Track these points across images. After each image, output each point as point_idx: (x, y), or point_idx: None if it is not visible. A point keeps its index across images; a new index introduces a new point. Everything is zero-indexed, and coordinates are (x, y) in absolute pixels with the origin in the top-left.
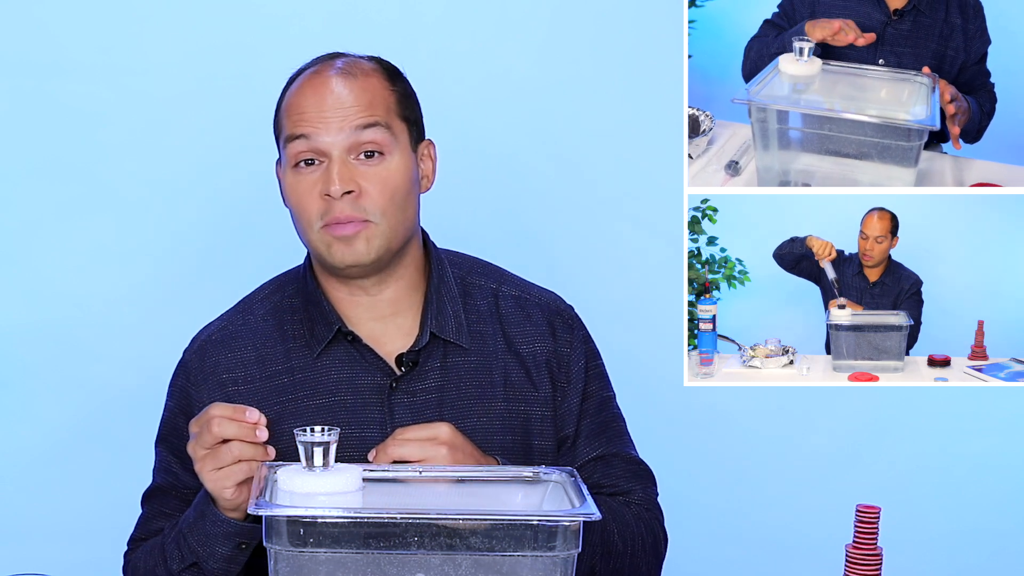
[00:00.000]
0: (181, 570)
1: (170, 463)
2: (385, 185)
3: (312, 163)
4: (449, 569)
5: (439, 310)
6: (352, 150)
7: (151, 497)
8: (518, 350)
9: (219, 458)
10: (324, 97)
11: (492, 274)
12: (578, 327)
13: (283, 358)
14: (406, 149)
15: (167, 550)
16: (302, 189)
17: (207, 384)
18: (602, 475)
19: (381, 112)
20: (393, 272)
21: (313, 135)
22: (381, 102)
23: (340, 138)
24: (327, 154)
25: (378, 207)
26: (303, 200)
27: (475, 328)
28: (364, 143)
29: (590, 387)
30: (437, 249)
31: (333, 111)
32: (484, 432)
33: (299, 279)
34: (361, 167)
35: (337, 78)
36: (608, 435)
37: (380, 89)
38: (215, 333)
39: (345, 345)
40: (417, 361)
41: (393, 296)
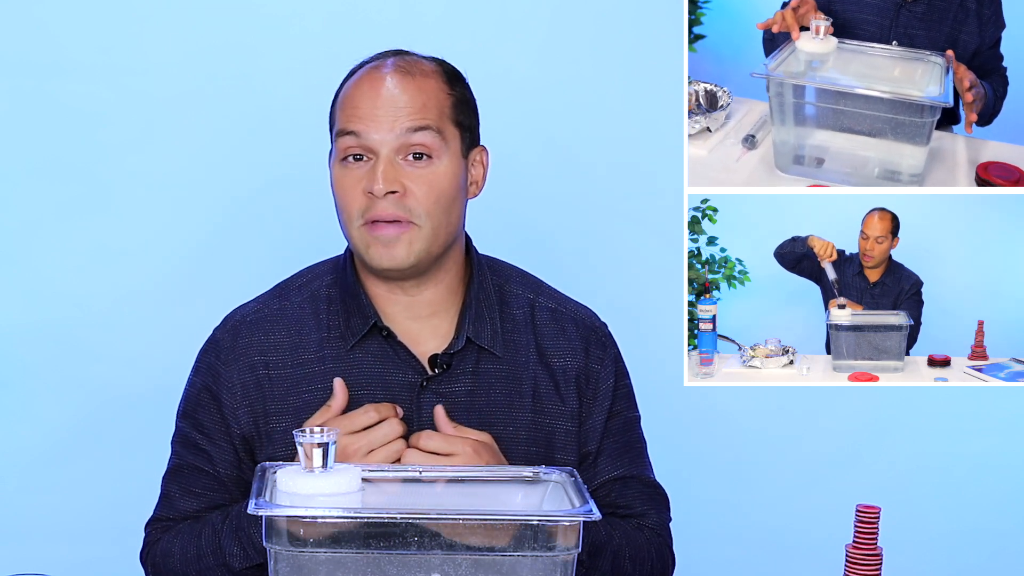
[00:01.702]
0: (244, 568)
1: (196, 440)
2: (431, 188)
3: (360, 159)
4: (449, 569)
5: (477, 316)
6: (401, 151)
7: (176, 474)
8: (549, 363)
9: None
10: (378, 94)
11: (530, 285)
12: (611, 346)
13: (316, 347)
14: (456, 154)
15: (224, 546)
16: (347, 184)
17: (237, 364)
18: (618, 495)
19: (434, 116)
20: (433, 276)
21: (363, 132)
22: (435, 105)
23: (390, 137)
24: (375, 152)
25: (422, 208)
26: (347, 195)
27: (509, 337)
28: (413, 145)
29: (617, 406)
30: (479, 255)
31: (385, 110)
32: (509, 441)
33: (338, 269)
34: (408, 168)
35: (393, 76)
36: (630, 456)
37: (436, 92)
38: (250, 314)
39: (379, 340)
40: (450, 363)
41: (431, 298)
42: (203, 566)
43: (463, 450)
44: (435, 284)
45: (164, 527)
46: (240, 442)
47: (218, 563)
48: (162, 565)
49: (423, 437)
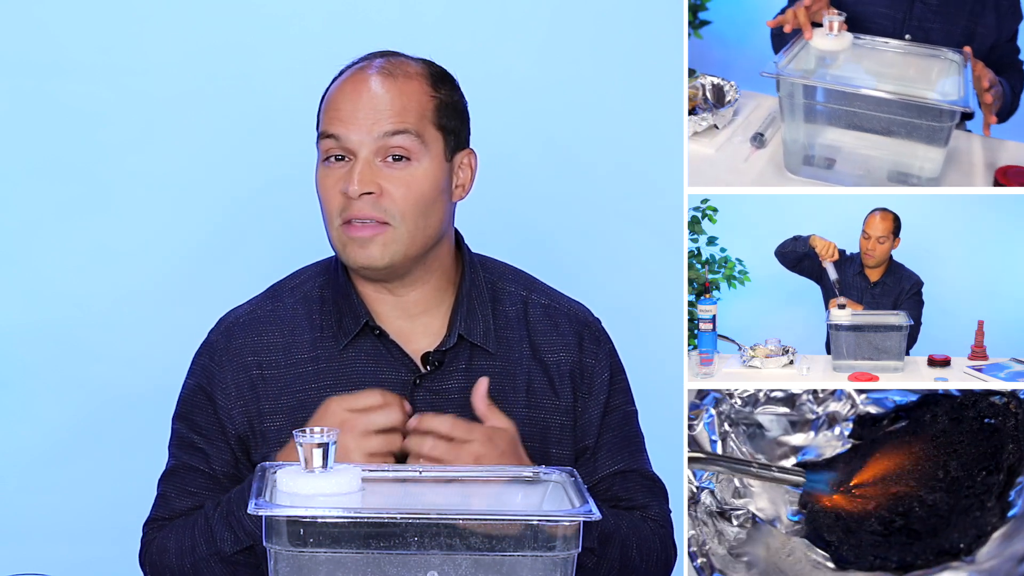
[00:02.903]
0: (235, 552)
1: (192, 440)
2: (408, 190)
3: (341, 159)
4: (449, 569)
5: (469, 313)
6: (379, 152)
7: (172, 475)
8: (543, 358)
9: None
10: (359, 97)
11: (522, 281)
12: (605, 340)
13: (309, 347)
14: (438, 157)
15: (216, 531)
16: (327, 184)
17: (231, 365)
18: (620, 488)
19: (413, 119)
20: (418, 276)
21: (343, 135)
22: (415, 108)
23: (368, 140)
24: (355, 153)
25: (398, 210)
26: (327, 195)
27: (502, 333)
28: (392, 147)
29: (614, 400)
30: (471, 253)
31: (365, 112)
32: None
33: (330, 270)
34: (386, 170)
35: (376, 78)
36: (630, 450)
37: (418, 94)
38: (243, 316)
39: (372, 339)
40: (443, 361)
41: (419, 297)
42: (197, 556)
43: (475, 435)
44: (421, 284)
45: (161, 527)
46: (236, 442)
47: (211, 552)
48: (159, 561)
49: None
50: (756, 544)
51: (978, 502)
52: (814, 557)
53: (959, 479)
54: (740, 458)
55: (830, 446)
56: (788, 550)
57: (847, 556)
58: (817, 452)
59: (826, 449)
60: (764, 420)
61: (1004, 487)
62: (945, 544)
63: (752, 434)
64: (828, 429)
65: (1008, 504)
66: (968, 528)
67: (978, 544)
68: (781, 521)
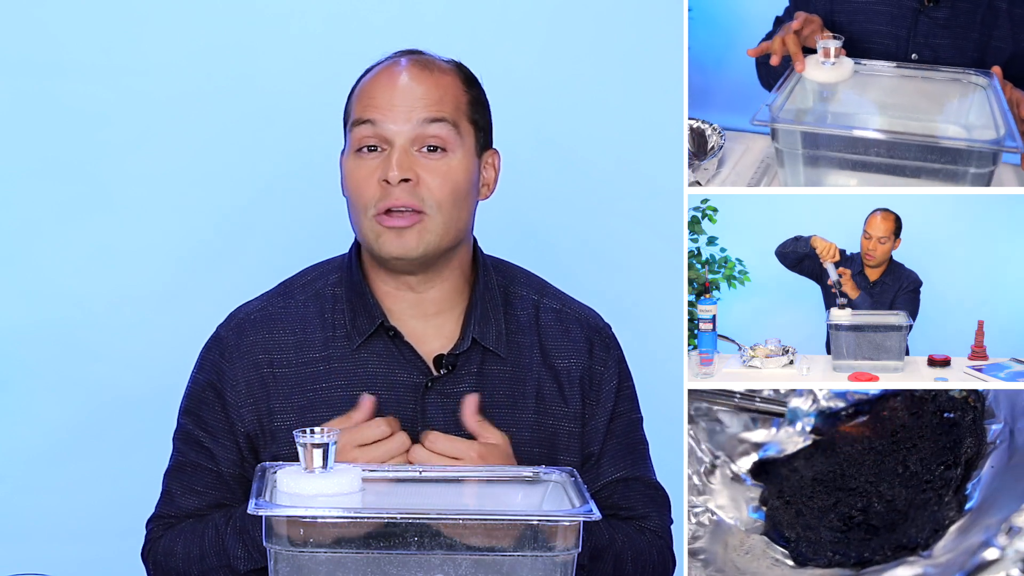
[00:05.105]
0: (249, 571)
1: (199, 437)
2: (445, 179)
3: (375, 150)
4: (449, 569)
5: (483, 317)
6: (416, 142)
7: (178, 472)
8: (553, 364)
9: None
10: (395, 85)
11: (535, 286)
12: (614, 347)
13: (321, 346)
14: (470, 151)
15: (229, 548)
16: (361, 175)
17: (242, 362)
18: (621, 497)
19: (450, 109)
20: (440, 272)
21: (380, 122)
22: (452, 100)
23: (406, 128)
24: (390, 142)
25: (435, 199)
26: (360, 185)
27: (514, 338)
28: (429, 136)
29: (620, 407)
30: (485, 256)
31: (403, 100)
32: (512, 442)
33: (344, 268)
34: (422, 159)
35: (411, 69)
36: (633, 458)
37: (453, 88)
38: (254, 313)
39: (385, 340)
40: (455, 364)
41: (438, 296)
42: (206, 566)
43: (469, 455)
44: (442, 281)
45: (166, 524)
46: (244, 440)
47: (221, 564)
48: (164, 563)
49: (430, 438)
50: (715, 542)
51: (936, 496)
52: (773, 555)
53: (918, 473)
54: (724, 390)
55: (792, 442)
56: (746, 548)
57: (806, 553)
58: (779, 448)
59: (788, 445)
60: (724, 417)
61: (962, 480)
62: (903, 539)
63: (712, 430)
64: (790, 425)
65: (965, 497)
66: (925, 523)
67: (935, 538)
68: (741, 519)
